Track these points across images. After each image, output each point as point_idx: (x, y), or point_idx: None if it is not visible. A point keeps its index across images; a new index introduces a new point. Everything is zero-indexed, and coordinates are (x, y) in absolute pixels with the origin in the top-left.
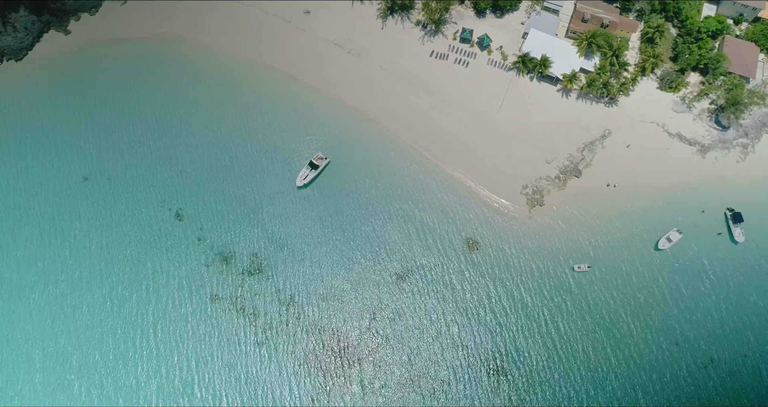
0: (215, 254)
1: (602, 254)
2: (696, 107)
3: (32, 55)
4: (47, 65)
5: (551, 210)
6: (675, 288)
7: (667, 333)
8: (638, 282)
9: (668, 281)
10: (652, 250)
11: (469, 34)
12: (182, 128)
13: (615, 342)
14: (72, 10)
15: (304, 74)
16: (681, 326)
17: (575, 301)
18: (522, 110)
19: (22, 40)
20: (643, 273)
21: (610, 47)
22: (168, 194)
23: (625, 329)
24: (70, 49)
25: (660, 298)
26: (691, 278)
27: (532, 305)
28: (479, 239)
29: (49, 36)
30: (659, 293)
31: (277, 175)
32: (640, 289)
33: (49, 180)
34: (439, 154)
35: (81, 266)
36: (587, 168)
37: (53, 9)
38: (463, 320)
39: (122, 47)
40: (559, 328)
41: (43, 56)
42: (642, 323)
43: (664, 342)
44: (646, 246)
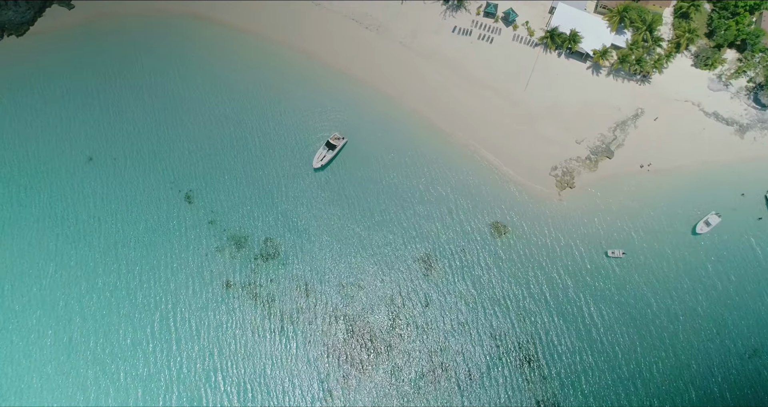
0: (228, 238)
1: (637, 239)
2: (733, 84)
3: (34, 30)
4: (49, 41)
5: (582, 192)
6: (717, 275)
7: (713, 320)
8: (678, 268)
9: (709, 268)
10: (690, 234)
11: (494, 8)
12: (191, 106)
13: (658, 331)
14: None
15: (320, 50)
16: (727, 313)
17: (610, 289)
18: (550, 87)
19: (24, 15)
20: (682, 259)
21: (643, 22)
22: (177, 175)
23: (667, 317)
24: (74, 24)
25: (702, 285)
26: (732, 264)
27: (563, 292)
28: (507, 223)
29: (51, 10)
30: (701, 280)
31: (293, 156)
32: (681, 276)
33: (52, 161)
34: (463, 134)
35: (89, 250)
36: (619, 149)
37: None
38: (490, 307)
39: (129, 23)
40: (597, 316)
41: (45, 31)
42: (685, 310)
43: (711, 331)
44: (684, 230)
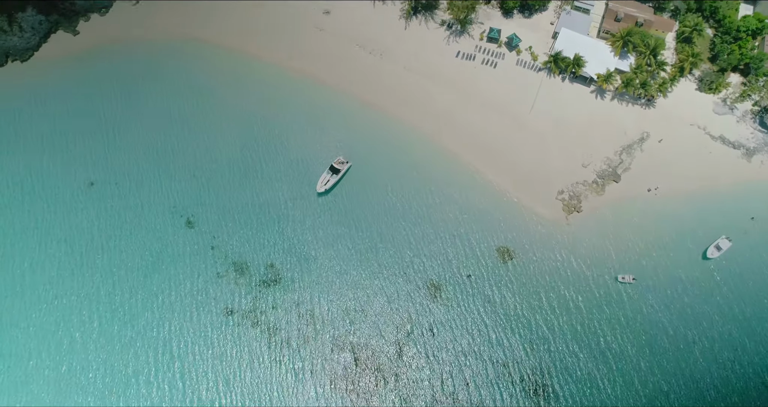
0: (229, 264)
1: (647, 264)
2: (738, 108)
3: (38, 55)
4: (53, 66)
5: (590, 217)
6: (732, 301)
7: (731, 347)
8: (691, 294)
9: (723, 293)
10: (701, 259)
11: (497, 33)
12: (194, 130)
13: (674, 358)
14: (81, 11)
15: (323, 74)
16: (745, 339)
17: (622, 315)
18: (555, 111)
19: (29, 41)
20: (694, 284)
21: (646, 46)
22: (179, 200)
23: (684, 343)
24: (78, 50)
25: (718, 311)
26: (747, 289)
27: (575, 318)
28: (513, 247)
29: (56, 36)
30: (716, 306)
31: (296, 180)
32: (695, 301)
33: (55, 185)
34: (469, 156)
35: (90, 275)
36: (626, 172)
37: (62, 9)
38: (500, 333)
39: (133, 48)
40: (611, 343)
41: (50, 57)
42: (701, 337)
43: (728, 357)
44: (694, 255)
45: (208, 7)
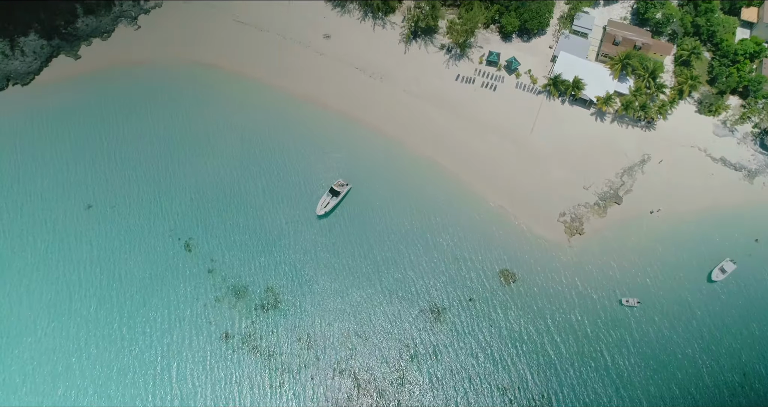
0: (227, 287)
1: (652, 287)
2: (739, 130)
3: (39, 79)
4: (54, 89)
5: (592, 239)
6: (738, 324)
7: (739, 371)
8: (697, 317)
9: (730, 316)
10: (706, 282)
11: (497, 57)
12: (194, 153)
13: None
14: (83, 35)
15: (323, 97)
16: (753, 363)
17: (630, 339)
18: (555, 133)
19: (30, 65)
20: (700, 307)
21: (645, 69)
22: (177, 223)
23: (692, 368)
24: (79, 73)
25: (724, 334)
26: (753, 312)
27: (579, 342)
28: (516, 270)
29: (58, 60)
30: (722, 329)
31: (296, 202)
32: (702, 325)
33: (52, 208)
34: (470, 179)
35: (86, 300)
36: (628, 194)
37: (64, 34)
38: (503, 358)
39: (134, 71)
40: (616, 367)
41: (51, 80)
42: (709, 361)
43: (736, 382)
44: (699, 278)
45: (209, 32)
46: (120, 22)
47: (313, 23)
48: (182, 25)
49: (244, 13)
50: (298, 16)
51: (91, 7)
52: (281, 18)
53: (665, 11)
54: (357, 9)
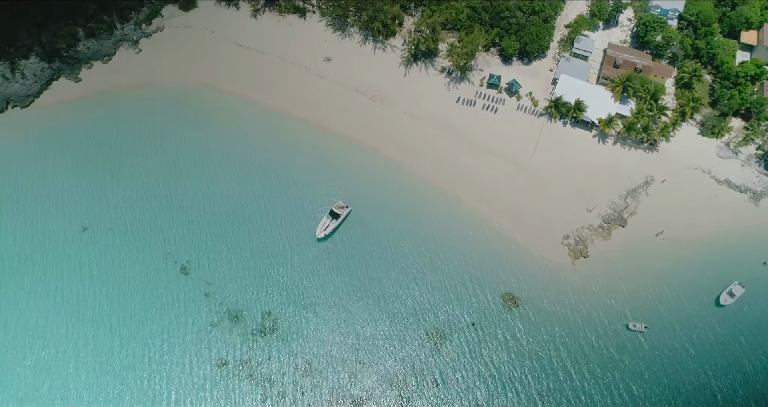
0: (224, 312)
1: (659, 311)
2: (742, 152)
3: (39, 102)
4: (53, 112)
5: (597, 262)
6: (750, 350)
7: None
8: (707, 343)
9: (741, 342)
10: (714, 306)
11: (497, 79)
12: (193, 175)
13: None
14: (84, 58)
15: (323, 120)
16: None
17: (638, 365)
18: (557, 155)
19: (30, 87)
20: (709, 332)
21: (646, 91)
22: (174, 246)
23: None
24: (79, 95)
25: (736, 361)
26: (764, 338)
27: (587, 368)
28: (519, 294)
29: (58, 83)
30: (733, 355)
31: (295, 225)
32: (712, 351)
33: (47, 230)
34: (471, 201)
35: (80, 324)
36: (632, 216)
37: (65, 57)
38: (509, 385)
39: (133, 94)
40: (627, 394)
41: (50, 103)
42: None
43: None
44: (707, 302)
45: (209, 56)
46: (121, 45)
47: (313, 47)
48: (183, 49)
49: (245, 37)
50: (299, 39)
51: (92, 31)
52: (282, 41)
53: (665, 34)
54: (357, 33)
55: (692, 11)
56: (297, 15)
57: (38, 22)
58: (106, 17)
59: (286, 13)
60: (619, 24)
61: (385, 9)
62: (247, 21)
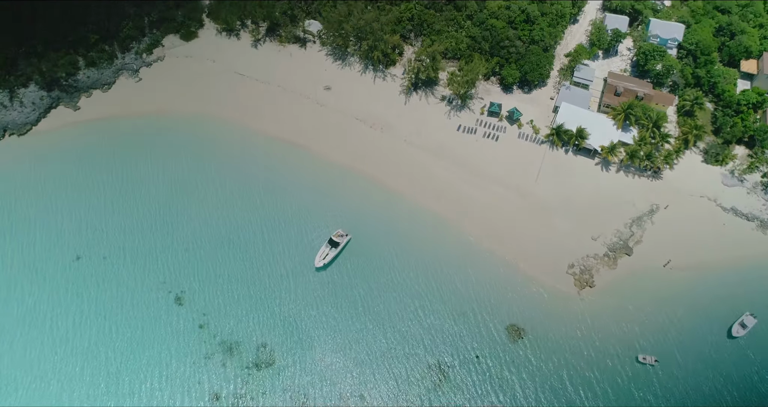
0: (218, 344)
1: (669, 343)
2: (748, 179)
3: (37, 130)
4: (50, 140)
5: (603, 292)
6: (763, 388)
7: None
8: (721, 377)
9: (755, 377)
10: (726, 338)
11: (498, 107)
12: (191, 203)
13: None
14: (84, 87)
15: (322, 148)
16: None
17: (649, 399)
18: (560, 183)
19: (28, 115)
20: (722, 365)
21: (648, 119)
22: (169, 275)
23: None
24: (78, 124)
25: (752, 396)
26: None
27: (597, 403)
28: (524, 325)
29: (57, 111)
30: (749, 390)
31: (294, 254)
32: (726, 385)
33: (40, 258)
34: (473, 229)
35: (72, 356)
36: (638, 245)
37: (65, 85)
38: None
39: (132, 123)
40: None
41: (48, 131)
42: None
43: None
44: (719, 333)
45: (209, 84)
46: (121, 74)
47: (313, 76)
48: (183, 78)
49: (245, 66)
50: (299, 68)
51: (93, 60)
52: (282, 70)
53: (665, 63)
54: (357, 62)
55: (691, 40)
56: (297, 45)
57: (39, 51)
58: (107, 47)
59: (287, 43)
60: (619, 53)
61: (385, 38)
62: (247, 51)
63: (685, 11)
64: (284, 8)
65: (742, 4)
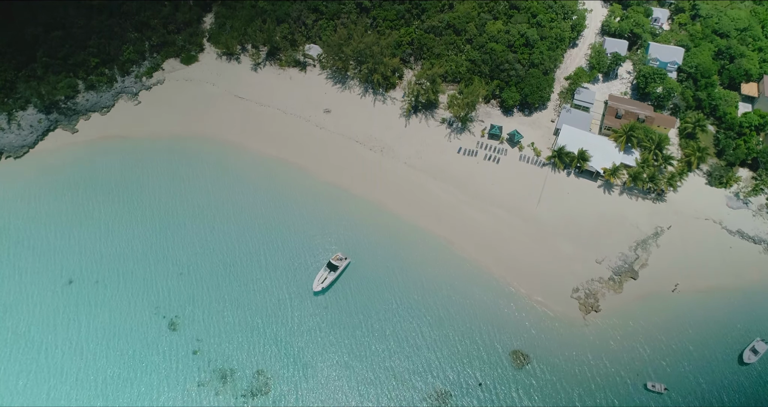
0: (212, 370)
1: (678, 370)
2: (753, 202)
3: (33, 152)
4: (46, 163)
5: (609, 316)
6: None
7: None
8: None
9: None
10: (737, 364)
11: (499, 130)
12: (187, 226)
13: None
14: (83, 110)
15: (321, 170)
16: None
17: None
18: (562, 206)
19: (25, 138)
20: (734, 393)
21: (650, 141)
22: (163, 299)
23: None
24: (75, 146)
25: None
26: None
27: None
28: (528, 351)
29: (54, 134)
30: None
31: (291, 278)
32: None
33: (29, 282)
34: (475, 253)
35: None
36: (644, 268)
37: (63, 108)
38: None
39: (129, 145)
40: None
41: (44, 154)
42: None
43: None
44: (729, 359)
45: (209, 107)
46: (120, 97)
47: (313, 99)
48: (183, 101)
49: (245, 89)
50: (299, 91)
51: (93, 83)
52: (282, 93)
53: (666, 85)
54: (357, 85)
55: (691, 64)
56: (297, 68)
57: (38, 74)
58: (107, 70)
59: (287, 67)
60: (619, 76)
61: (385, 61)
62: (247, 74)
63: (684, 35)
64: (284, 33)
65: (740, 28)
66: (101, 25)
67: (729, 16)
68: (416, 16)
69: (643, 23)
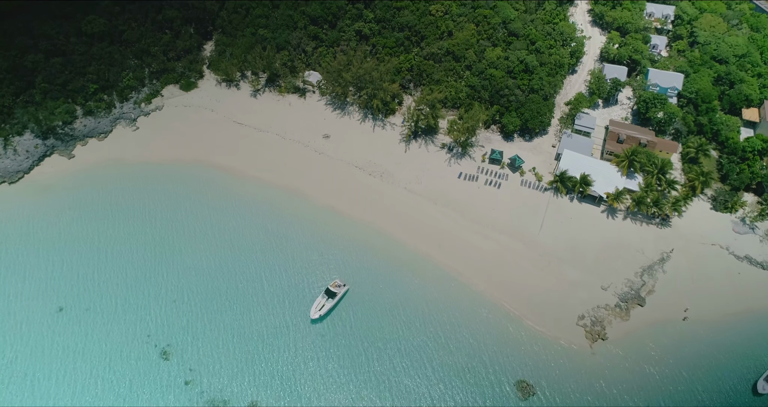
0: (205, 401)
1: (690, 401)
2: (759, 227)
3: (28, 177)
4: (41, 188)
5: (617, 345)
6: None
7: None
8: None
9: None
10: (751, 395)
11: (499, 155)
12: (182, 252)
13: None
14: (80, 135)
15: (320, 196)
16: None
17: None
18: (565, 231)
19: (21, 164)
20: None
21: (653, 165)
22: (156, 328)
23: None
24: (71, 172)
25: None
26: None
27: None
28: (534, 382)
29: (51, 159)
30: None
31: (288, 305)
32: None
33: (18, 309)
34: (477, 279)
35: None
36: (651, 295)
37: (61, 134)
38: None
39: (127, 171)
40: None
41: (40, 179)
42: None
43: None
44: (743, 389)
45: (207, 133)
46: (119, 123)
47: (312, 124)
48: (181, 127)
49: (244, 116)
50: (298, 117)
51: (91, 109)
52: (281, 119)
53: (666, 110)
54: (357, 111)
55: (691, 89)
56: (297, 95)
57: (36, 100)
58: (106, 96)
59: (286, 93)
60: (619, 102)
61: (384, 87)
62: (246, 100)
63: (683, 61)
64: (284, 60)
65: (739, 55)
66: (101, 52)
67: (727, 43)
68: (416, 44)
69: (641, 50)
